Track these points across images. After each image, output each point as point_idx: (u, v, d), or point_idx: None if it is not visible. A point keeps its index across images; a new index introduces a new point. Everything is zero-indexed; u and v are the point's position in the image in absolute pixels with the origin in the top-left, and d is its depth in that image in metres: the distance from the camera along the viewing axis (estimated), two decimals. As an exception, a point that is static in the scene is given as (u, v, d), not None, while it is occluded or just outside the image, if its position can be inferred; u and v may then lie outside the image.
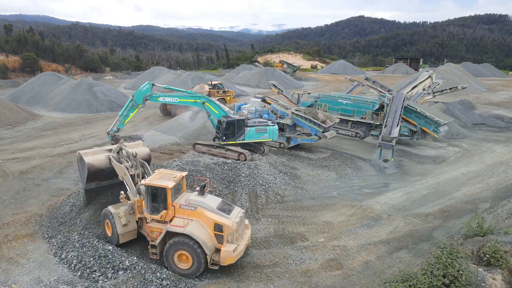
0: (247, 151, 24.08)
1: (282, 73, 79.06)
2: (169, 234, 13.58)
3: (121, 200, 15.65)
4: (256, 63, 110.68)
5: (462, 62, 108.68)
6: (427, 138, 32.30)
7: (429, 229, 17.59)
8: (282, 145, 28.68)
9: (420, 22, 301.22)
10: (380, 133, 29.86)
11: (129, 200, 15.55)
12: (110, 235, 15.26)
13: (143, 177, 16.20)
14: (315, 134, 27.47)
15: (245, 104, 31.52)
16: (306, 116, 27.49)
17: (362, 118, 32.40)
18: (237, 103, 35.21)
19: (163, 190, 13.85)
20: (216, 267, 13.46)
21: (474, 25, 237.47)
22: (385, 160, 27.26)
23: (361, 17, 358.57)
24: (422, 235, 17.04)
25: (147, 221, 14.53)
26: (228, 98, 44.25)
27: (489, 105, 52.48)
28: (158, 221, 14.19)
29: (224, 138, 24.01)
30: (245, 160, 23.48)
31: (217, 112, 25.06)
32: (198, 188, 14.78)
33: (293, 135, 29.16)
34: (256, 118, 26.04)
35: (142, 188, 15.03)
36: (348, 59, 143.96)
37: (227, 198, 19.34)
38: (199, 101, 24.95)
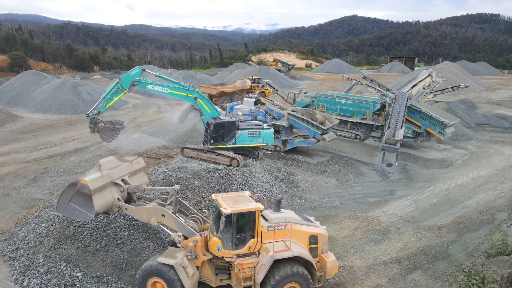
0: (239, 155, 22.07)
1: (276, 72, 76.93)
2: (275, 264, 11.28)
3: (179, 246, 11.75)
4: (250, 62, 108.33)
5: (455, 61, 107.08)
6: (431, 140, 30.46)
7: (443, 245, 15.71)
8: (278, 149, 26.71)
9: (413, 21, 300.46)
10: (381, 135, 28.05)
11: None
12: None
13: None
14: (314, 137, 25.51)
15: (238, 104, 29.51)
16: (303, 117, 25.48)
17: (363, 118, 30.50)
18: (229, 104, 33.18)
19: (251, 215, 11.57)
20: (320, 284, 12.04)
21: (466, 24, 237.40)
22: (389, 165, 25.29)
23: (354, 16, 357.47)
24: (437, 252, 15.17)
25: (227, 258, 11.62)
26: (267, 91, 45.01)
27: (490, 104, 50.95)
28: (243, 255, 11.58)
29: (212, 141, 21.96)
30: (237, 165, 21.46)
31: (209, 111, 23.15)
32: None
33: (290, 137, 27.16)
34: (250, 120, 23.93)
35: (197, 222, 12.75)
36: (341, 58, 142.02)
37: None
38: (191, 95, 23.00)
